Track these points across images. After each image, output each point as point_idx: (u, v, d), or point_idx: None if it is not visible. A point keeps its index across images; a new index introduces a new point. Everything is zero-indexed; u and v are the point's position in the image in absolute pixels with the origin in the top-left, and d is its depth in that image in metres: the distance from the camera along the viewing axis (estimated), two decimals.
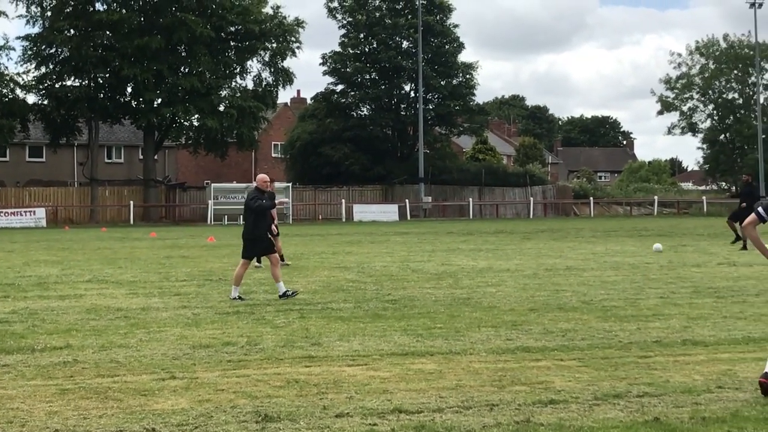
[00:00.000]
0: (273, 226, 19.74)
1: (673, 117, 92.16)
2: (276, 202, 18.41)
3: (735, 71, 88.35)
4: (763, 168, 75.48)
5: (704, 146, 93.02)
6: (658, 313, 14.95)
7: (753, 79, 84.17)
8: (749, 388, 9.32)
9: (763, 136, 77.98)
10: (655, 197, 75.22)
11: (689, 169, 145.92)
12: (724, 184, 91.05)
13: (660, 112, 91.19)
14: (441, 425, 8.03)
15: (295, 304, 16.19)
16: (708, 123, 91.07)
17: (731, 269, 22.50)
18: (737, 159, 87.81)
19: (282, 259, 25.76)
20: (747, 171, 56.17)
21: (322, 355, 11.38)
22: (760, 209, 9.62)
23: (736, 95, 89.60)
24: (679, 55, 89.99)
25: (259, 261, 22.95)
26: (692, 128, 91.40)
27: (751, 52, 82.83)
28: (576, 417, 8.27)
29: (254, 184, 18.14)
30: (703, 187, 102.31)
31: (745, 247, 28.10)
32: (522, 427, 7.94)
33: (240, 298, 16.90)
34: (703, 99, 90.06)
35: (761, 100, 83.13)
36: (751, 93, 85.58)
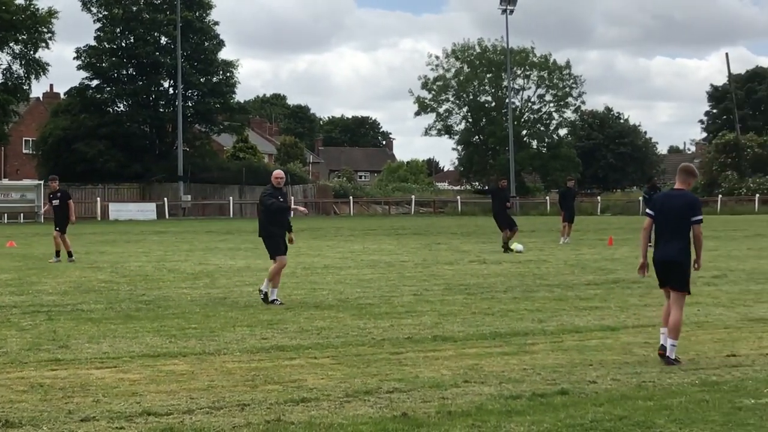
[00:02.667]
0: None
1: (430, 118, 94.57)
2: (302, 209, 17.84)
3: (489, 75, 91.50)
4: (514, 168, 78.58)
5: (459, 147, 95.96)
6: (411, 310, 15.27)
7: (506, 83, 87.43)
8: (494, 381, 9.65)
9: (514, 139, 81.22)
10: (413, 197, 76.94)
11: (445, 169, 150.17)
12: (477, 184, 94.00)
13: (417, 114, 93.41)
14: (190, 427, 7.90)
15: (43, 306, 15.61)
16: (463, 125, 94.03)
17: (482, 267, 23.27)
18: (490, 160, 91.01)
19: (57, 255, 24.89)
20: (499, 171, 58.33)
21: (70, 358, 11.01)
22: (648, 210, 11.41)
23: (489, 98, 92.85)
24: (436, 57, 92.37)
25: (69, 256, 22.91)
26: (448, 129, 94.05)
27: (504, 57, 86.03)
28: (327, 414, 8.32)
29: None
30: (458, 187, 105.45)
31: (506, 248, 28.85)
32: (272, 426, 7.91)
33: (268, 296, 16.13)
34: (458, 101, 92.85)
35: (512, 104, 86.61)
36: (503, 96, 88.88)
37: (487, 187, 37.55)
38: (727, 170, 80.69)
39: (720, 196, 74.43)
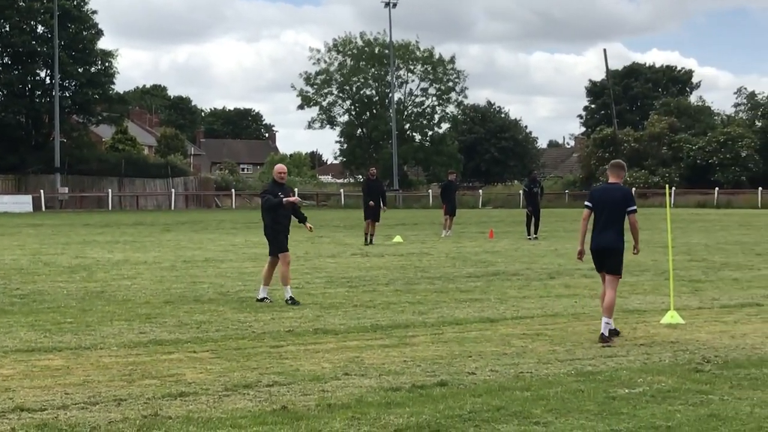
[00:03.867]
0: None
1: (313, 111, 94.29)
2: (292, 199, 16.32)
3: (372, 69, 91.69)
4: (396, 162, 78.96)
5: (342, 140, 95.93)
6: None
7: (389, 77, 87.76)
8: (374, 374, 9.66)
9: (397, 132, 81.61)
10: (296, 189, 76.50)
11: (329, 162, 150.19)
12: (360, 177, 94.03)
13: (300, 107, 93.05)
14: (65, 422, 7.71)
15: None
16: (346, 118, 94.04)
17: (364, 260, 23.32)
18: (373, 153, 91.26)
19: None
20: (372, 164, 58.44)
21: None
22: (586, 203, 12.38)
23: (373, 92, 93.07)
24: (318, 51, 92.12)
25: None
26: (331, 122, 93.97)
27: (387, 51, 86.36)
28: (205, 408, 8.22)
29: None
30: (341, 180, 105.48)
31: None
32: (149, 421, 7.77)
33: (292, 300, 15.31)
34: (341, 95, 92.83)
35: (396, 97, 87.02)
36: (386, 90, 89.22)
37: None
38: (604, 164, 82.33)
39: None
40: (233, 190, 74.45)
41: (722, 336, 12.05)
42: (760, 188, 68.84)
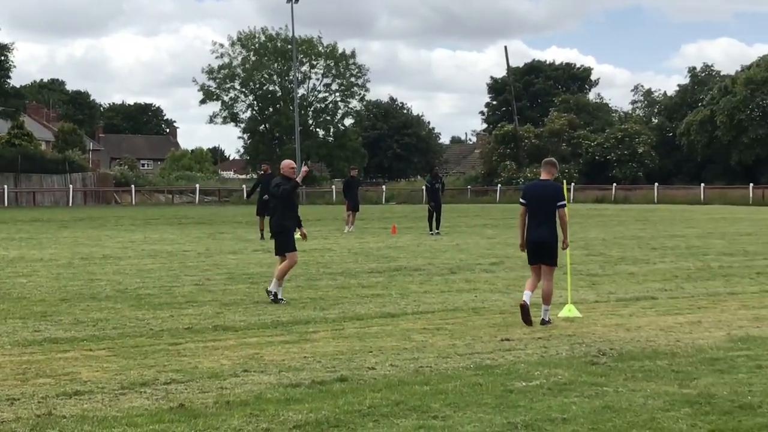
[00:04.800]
0: None
1: (215, 106, 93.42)
2: (304, 170, 16.02)
3: (275, 64, 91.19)
4: (300, 158, 78.71)
5: (245, 136, 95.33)
6: (192, 300, 15.07)
7: (292, 72, 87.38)
8: (274, 370, 9.61)
9: (301, 128, 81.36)
10: (197, 185, 75.95)
11: (231, 157, 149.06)
12: (261, 172, 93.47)
13: (202, 101, 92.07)
14: None
15: None
16: (249, 113, 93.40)
17: (266, 256, 23.16)
18: (276, 149, 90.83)
19: None
20: (266, 161, 58.13)
21: None
22: (521, 200, 12.92)
23: (276, 87, 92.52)
24: (221, 45, 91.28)
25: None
26: (234, 118, 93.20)
27: (290, 46, 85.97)
28: (100, 407, 8.08)
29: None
30: (243, 176, 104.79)
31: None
32: (43, 421, 7.62)
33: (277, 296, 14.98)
34: (244, 90, 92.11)
35: (299, 93, 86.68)
36: (289, 85, 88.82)
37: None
38: (506, 160, 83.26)
39: (499, 185, 76.87)
40: (133, 186, 73.39)
41: (618, 329, 12.27)
42: (656, 184, 70.30)
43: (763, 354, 10.40)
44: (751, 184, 65.78)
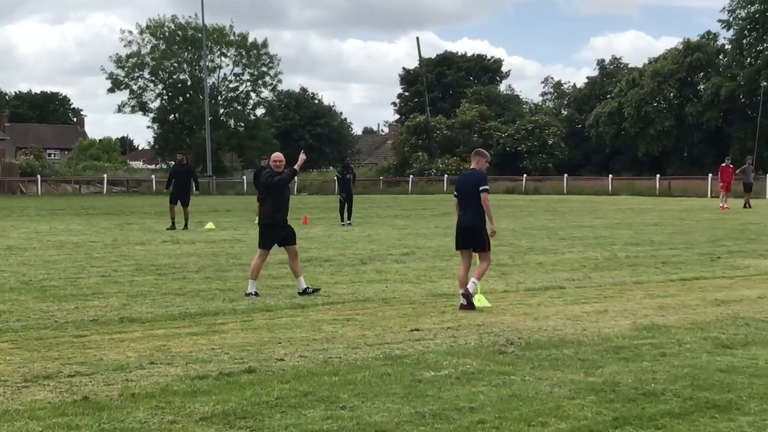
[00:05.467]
0: None
1: (124, 95, 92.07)
2: (301, 159, 15.42)
3: (185, 53, 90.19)
4: (210, 148, 78.04)
5: (155, 126, 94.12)
6: (98, 291, 14.83)
7: (203, 62, 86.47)
8: (181, 362, 9.50)
9: (211, 117, 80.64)
10: (105, 175, 74.83)
11: (140, 147, 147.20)
12: (173, 163, 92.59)
13: (111, 90, 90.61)
14: None
15: None
16: (158, 102, 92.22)
17: (174, 247, 22.95)
18: (186, 139, 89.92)
19: None
20: (184, 150, 57.59)
21: None
22: (454, 191, 13.47)
23: (186, 76, 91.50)
24: (130, 33, 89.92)
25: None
26: (143, 107, 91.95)
27: (200, 35, 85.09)
28: (2, 401, 7.91)
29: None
30: (153, 166, 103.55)
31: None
32: None
33: (256, 293, 14.43)
34: (153, 79, 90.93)
35: (209, 82, 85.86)
36: (200, 74, 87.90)
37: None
38: (418, 151, 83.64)
39: (411, 176, 77.13)
40: (39, 176, 72.00)
41: (526, 318, 12.38)
42: (565, 175, 71.18)
43: (667, 342, 10.58)
44: (658, 175, 66.99)
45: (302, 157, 15.54)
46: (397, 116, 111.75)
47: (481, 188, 13.25)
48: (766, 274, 17.52)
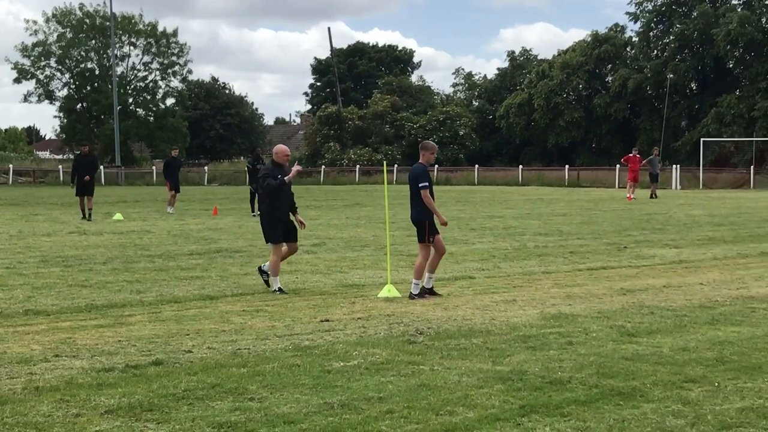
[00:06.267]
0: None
1: (30, 85, 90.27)
2: (295, 171, 14.46)
3: (93, 41, 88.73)
4: (119, 138, 76.93)
5: (61, 115, 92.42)
6: (2, 283, 14.57)
7: (111, 50, 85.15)
8: (86, 355, 9.35)
9: (120, 107, 79.50)
10: (11, 166, 73.25)
11: (47, 137, 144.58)
12: (79, 152, 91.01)
13: (17, 81, 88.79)
14: None
15: None
16: (65, 92, 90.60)
17: (81, 238, 22.59)
18: (94, 128, 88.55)
19: None
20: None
21: None
22: (426, 183, 13.34)
23: (94, 65, 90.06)
24: (35, 22, 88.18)
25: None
26: (49, 96, 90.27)
27: (108, 23, 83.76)
28: None
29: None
30: (60, 156, 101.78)
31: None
32: None
33: (281, 290, 13.83)
34: (60, 68, 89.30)
35: (118, 71, 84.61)
36: (108, 63, 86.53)
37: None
38: (330, 142, 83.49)
39: (323, 166, 76.96)
40: None
41: (436, 308, 12.45)
42: (476, 165, 71.73)
43: (574, 331, 10.73)
44: (567, 166, 67.89)
45: (297, 168, 14.82)
46: (309, 106, 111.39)
47: (420, 184, 13.35)
48: (670, 263, 17.87)
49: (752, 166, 61.34)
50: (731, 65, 77.39)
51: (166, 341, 10.08)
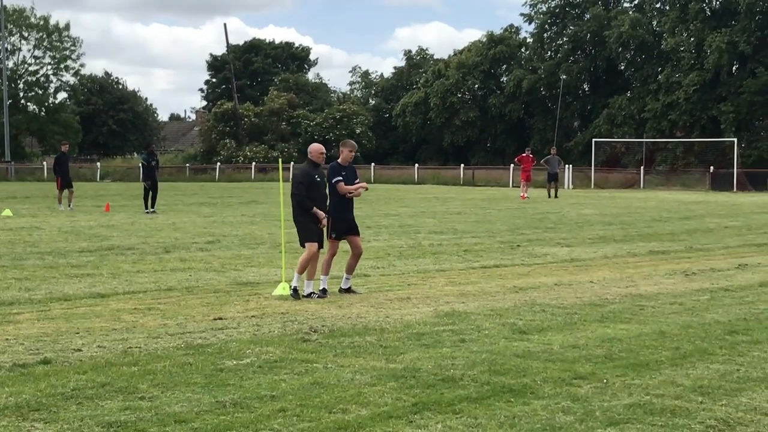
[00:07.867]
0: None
1: None
2: (354, 187, 13.58)
3: None
4: (8, 133, 75.21)
5: None
6: None
7: (2, 44, 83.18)
8: None
9: (10, 101, 77.71)
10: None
11: None
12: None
13: None
14: None
15: None
16: None
17: None
18: None
19: None
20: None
21: None
22: (339, 177, 13.48)
23: None
24: None
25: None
26: None
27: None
28: None
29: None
30: None
31: None
32: None
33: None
34: None
35: (8, 65, 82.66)
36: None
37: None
38: (225, 138, 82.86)
39: (219, 163, 76.33)
40: None
41: (330, 306, 12.45)
42: (373, 164, 71.92)
43: (467, 329, 10.83)
44: (462, 165, 68.55)
45: (362, 185, 14.00)
46: (205, 103, 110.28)
47: (333, 180, 13.52)
48: (562, 261, 18.17)
49: (642, 167, 62.76)
50: (623, 67, 79.12)
51: (55, 340, 9.90)
